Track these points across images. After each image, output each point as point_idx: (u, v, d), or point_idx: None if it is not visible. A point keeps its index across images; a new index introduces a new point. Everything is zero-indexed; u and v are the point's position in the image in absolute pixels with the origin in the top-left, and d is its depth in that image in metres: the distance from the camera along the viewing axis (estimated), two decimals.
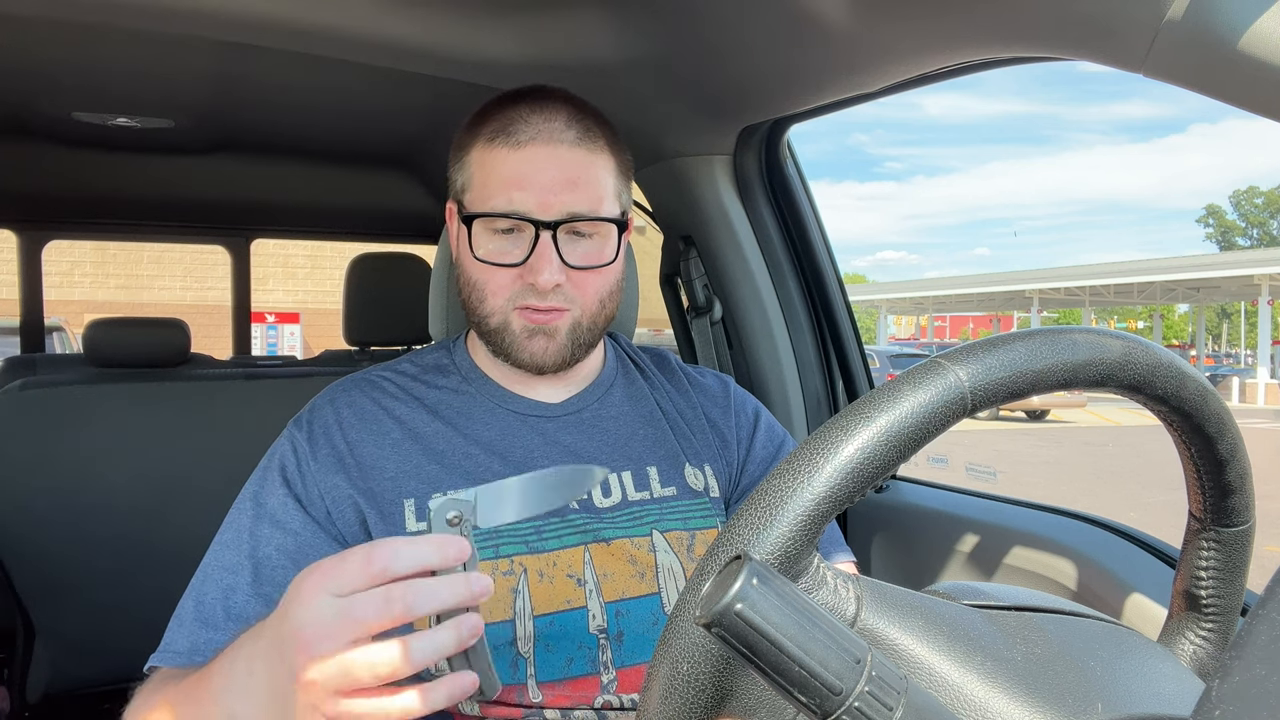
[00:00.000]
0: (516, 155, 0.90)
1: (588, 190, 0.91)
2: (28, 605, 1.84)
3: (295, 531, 0.87)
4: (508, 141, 0.91)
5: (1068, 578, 1.15)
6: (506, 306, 0.92)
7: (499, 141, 0.91)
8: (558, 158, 0.90)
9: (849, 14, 0.99)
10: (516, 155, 0.90)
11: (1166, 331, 52.33)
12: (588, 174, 0.92)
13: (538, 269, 0.89)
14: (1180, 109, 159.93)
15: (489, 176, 0.91)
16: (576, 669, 0.88)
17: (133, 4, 1.11)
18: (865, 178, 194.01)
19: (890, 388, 0.47)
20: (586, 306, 0.94)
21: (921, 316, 47.53)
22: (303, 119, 2.00)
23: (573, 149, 0.91)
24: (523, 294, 0.92)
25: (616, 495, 0.96)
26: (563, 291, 0.92)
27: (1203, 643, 0.62)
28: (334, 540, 0.88)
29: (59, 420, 1.86)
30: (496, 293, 0.92)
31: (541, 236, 0.89)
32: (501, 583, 0.88)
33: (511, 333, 0.93)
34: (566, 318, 0.93)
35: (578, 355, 0.96)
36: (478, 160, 0.93)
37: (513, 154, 0.90)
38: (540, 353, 0.93)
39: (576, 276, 0.92)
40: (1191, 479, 0.58)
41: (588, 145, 0.92)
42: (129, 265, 16.63)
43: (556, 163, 0.90)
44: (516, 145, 0.90)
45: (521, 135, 0.90)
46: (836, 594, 0.49)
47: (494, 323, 0.94)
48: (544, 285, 0.89)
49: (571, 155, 0.91)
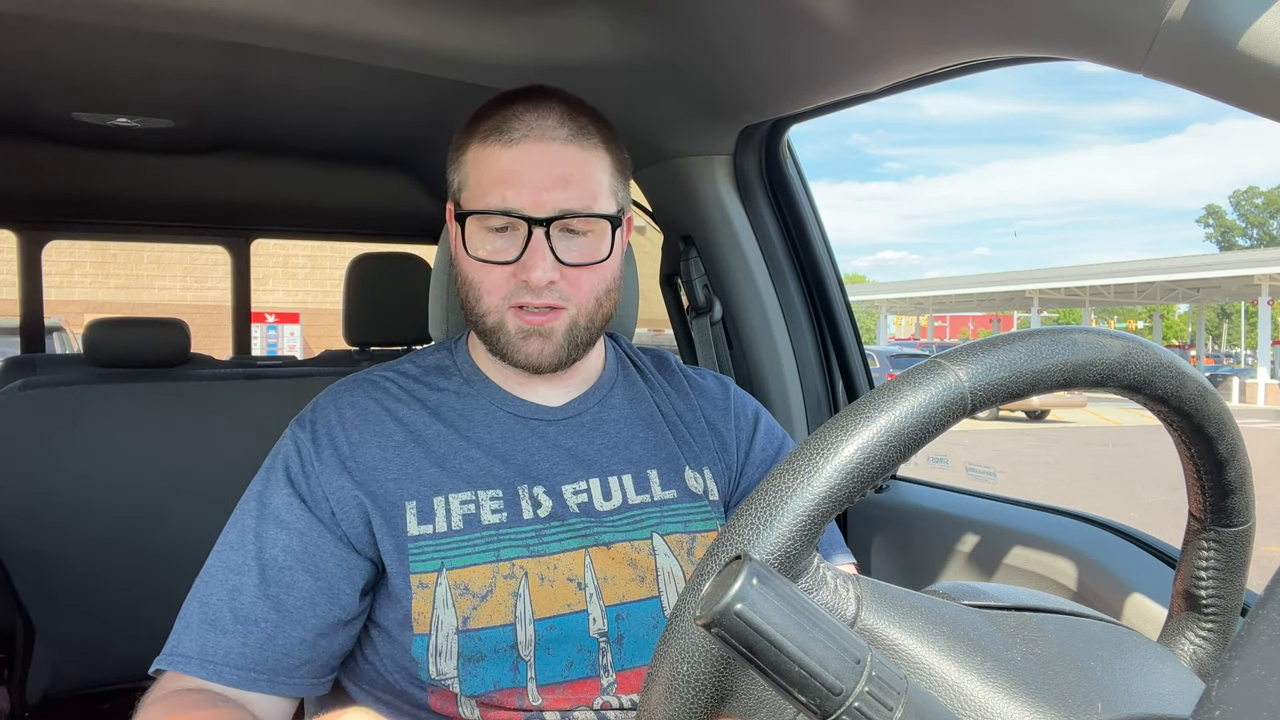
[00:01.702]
0: (509, 153, 0.91)
1: (581, 187, 0.91)
2: (28, 606, 1.84)
3: (301, 532, 0.87)
4: (500, 139, 0.91)
5: (1068, 578, 1.15)
6: (502, 306, 0.92)
7: (492, 139, 0.92)
8: (550, 155, 0.91)
9: (849, 14, 0.99)
10: (509, 153, 0.91)
11: (1166, 331, 52.33)
12: (581, 171, 0.92)
13: (530, 266, 0.89)
14: (1179, 109, 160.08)
15: (483, 175, 0.92)
16: (577, 672, 0.88)
17: (133, 4, 1.11)
18: (865, 178, 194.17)
19: (890, 388, 0.47)
20: (583, 305, 0.94)
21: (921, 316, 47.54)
22: (303, 119, 2.01)
23: (565, 146, 0.91)
24: (517, 292, 0.91)
25: (617, 498, 0.96)
26: (557, 289, 0.92)
27: (1203, 643, 0.62)
28: (339, 541, 0.88)
29: (59, 420, 1.86)
30: (491, 291, 0.92)
31: (534, 233, 0.90)
32: (502, 586, 0.88)
33: (507, 333, 0.93)
34: (563, 317, 0.93)
35: (575, 355, 0.95)
36: (473, 159, 0.94)
37: (505, 151, 0.91)
38: (536, 354, 0.93)
39: (571, 274, 0.92)
40: (1191, 479, 0.58)
41: (581, 142, 0.92)
42: (129, 265, 16.63)
43: (549, 160, 0.90)
44: (509, 143, 0.91)
45: (514, 133, 0.91)
46: (836, 594, 0.49)
47: (490, 322, 0.93)
48: (537, 282, 0.89)
49: (564, 152, 0.91)
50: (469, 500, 0.91)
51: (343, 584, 0.87)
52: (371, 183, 2.52)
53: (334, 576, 0.86)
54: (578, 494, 0.95)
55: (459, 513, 0.90)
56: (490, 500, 0.92)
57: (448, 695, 0.87)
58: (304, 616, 0.84)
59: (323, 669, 0.87)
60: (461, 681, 0.86)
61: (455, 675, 0.86)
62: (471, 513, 0.91)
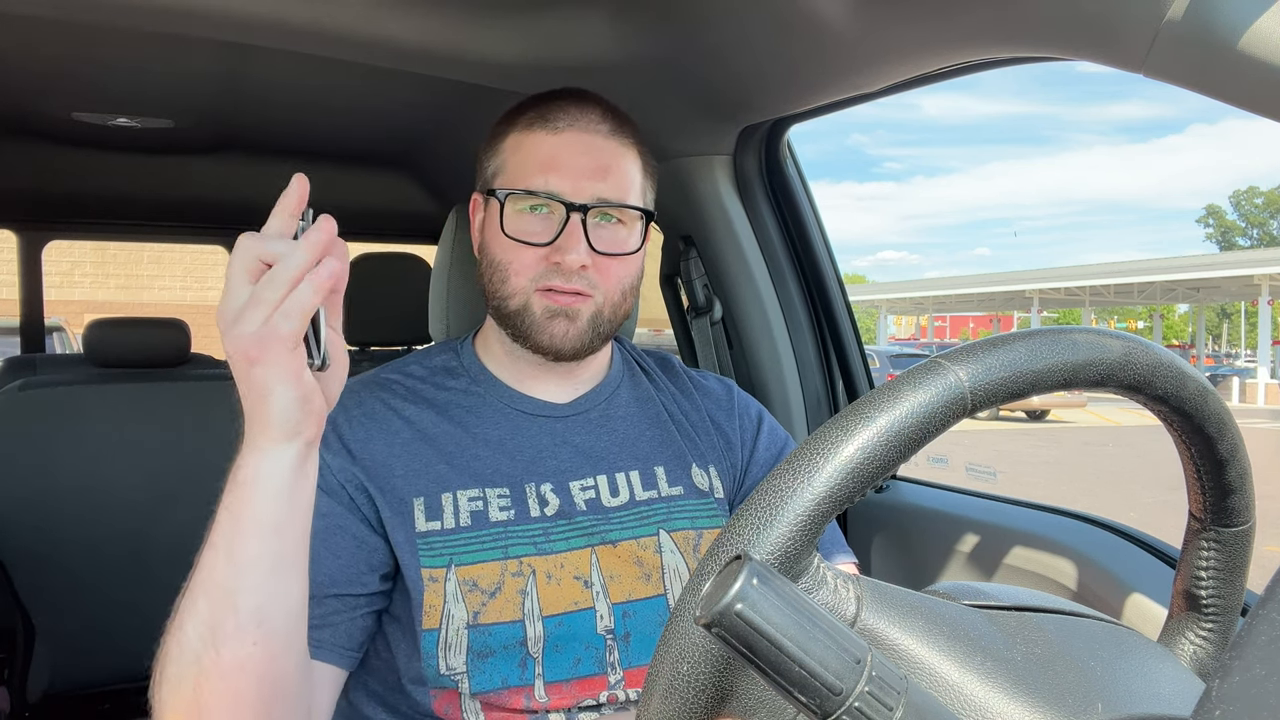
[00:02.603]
0: (553, 139, 0.94)
1: (618, 179, 0.95)
2: (28, 605, 1.84)
3: (322, 513, 0.85)
4: (545, 126, 0.95)
5: (1068, 578, 1.15)
6: (529, 287, 0.93)
7: (536, 126, 0.95)
8: (592, 145, 0.94)
9: (849, 14, 1.00)
10: (553, 139, 0.94)
11: (1166, 331, 52.32)
12: (619, 164, 0.95)
13: (566, 248, 0.91)
14: (1178, 109, 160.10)
15: (526, 158, 0.95)
16: (584, 669, 0.89)
17: (133, 4, 1.11)
18: (864, 178, 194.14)
19: (890, 388, 0.47)
20: (609, 294, 0.95)
21: (921, 316, 47.54)
22: (303, 119, 2.00)
23: (606, 140, 0.95)
24: (547, 274, 0.93)
25: (624, 494, 0.96)
26: (587, 276, 0.93)
27: (1203, 643, 0.62)
28: (360, 520, 0.88)
29: (59, 420, 1.86)
30: (520, 272, 0.93)
31: (571, 218, 0.92)
32: (510, 583, 0.88)
33: (532, 314, 0.94)
34: (590, 304, 0.94)
35: (595, 345, 0.97)
36: (513, 144, 0.97)
37: (550, 138, 0.94)
38: (560, 335, 0.93)
39: (601, 262, 0.94)
40: (1191, 479, 0.58)
41: (619, 139, 0.97)
42: (129, 265, 16.63)
43: (590, 150, 0.94)
44: (554, 130, 0.94)
45: (559, 122, 0.95)
46: (836, 594, 0.49)
47: (515, 304, 0.94)
48: (570, 265, 0.91)
49: (605, 145, 0.95)
50: (477, 497, 0.92)
51: (361, 563, 0.87)
52: (371, 183, 2.51)
53: (353, 555, 0.87)
54: (585, 490, 0.95)
55: (467, 509, 0.91)
56: (498, 497, 0.92)
57: (452, 697, 0.87)
58: (323, 592, 0.83)
59: (348, 641, 0.86)
60: (470, 678, 0.86)
61: (464, 671, 0.86)
62: (479, 509, 0.91)
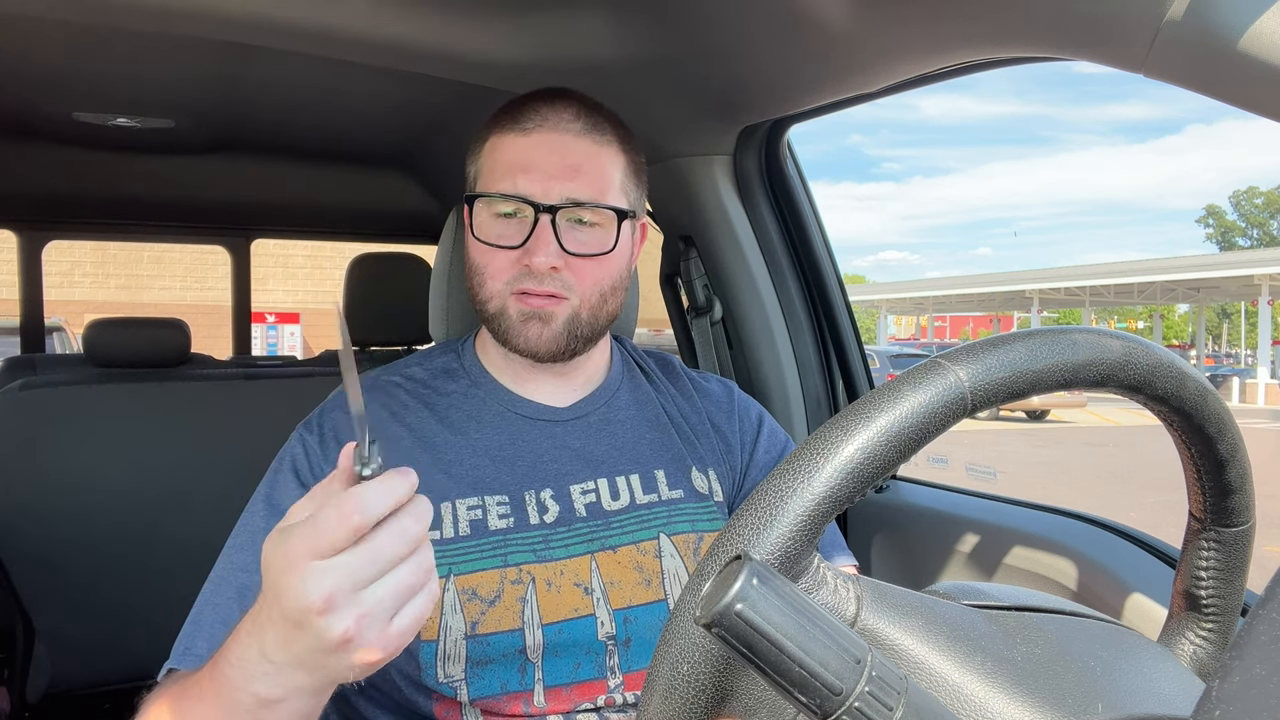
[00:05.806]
0: (523, 141, 0.93)
1: (591, 179, 0.93)
2: (28, 605, 1.84)
3: None
4: (515, 128, 0.94)
5: (1068, 578, 1.15)
6: (504, 291, 0.93)
7: (508, 128, 0.94)
8: (562, 145, 0.93)
9: (849, 15, 1.00)
10: (523, 141, 0.93)
11: (1166, 331, 52.30)
12: (592, 163, 0.94)
13: (534, 250, 0.91)
14: (1177, 110, 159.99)
15: (496, 162, 0.94)
16: (584, 674, 0.88)
17: (133, 4, 1.11)
18: (863, 178, 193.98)
19: (890, 388, 0.47)
20: (586, 297, 0.94)
21: (921, 317, 47.51)
22: (303, 119, 2.00)
23: (578, 138, 0.94)
24: (520, 278, 0.92)
25: (624, 498, 0.96)
26: (560, 278, 0.92)
27: (1203, 643, 0.62)
28: None
29: (59, 420, 1.86)
30: (495, 276, 0.93)
31: (540, 220, 0.91)
32: (510, 591, 0.88)
33: (508, 317, 0.93)
34: (565, 306, 0.93)
35: (575, 347, 0.96)
36: (489, 148, 0.96)
37: (519, 140, 0.93)
38: (535, 338, 0.93)
39: (575, 264, 0.93)
40: (1192, 479, 0.58)
41: (594, 137, 0.95)
42: (129, 265, 16.64)
43: (561, 149, 0.93)
44: (524, 132, 0.93)
45: (529, 123, 0.93)
46: (836, 594, 0.49)
47: (492, 308, 0.94)
48: (539, 267, 0.90)
49: (577, 144, 0.93)
50: (476, 505, 0.91)
51: None
52: (371, 183, 2.52)
53: None
54: (585, 494, 0.95)
55: (466, 518, 0.90)
56: (497, 505, 0.92)
57: (452, 704, 0.87)
58: None
59: None
60: (468, 685, 0.86)
61: (462, 679, 0.86)
62: (479, 518, 0.91)
